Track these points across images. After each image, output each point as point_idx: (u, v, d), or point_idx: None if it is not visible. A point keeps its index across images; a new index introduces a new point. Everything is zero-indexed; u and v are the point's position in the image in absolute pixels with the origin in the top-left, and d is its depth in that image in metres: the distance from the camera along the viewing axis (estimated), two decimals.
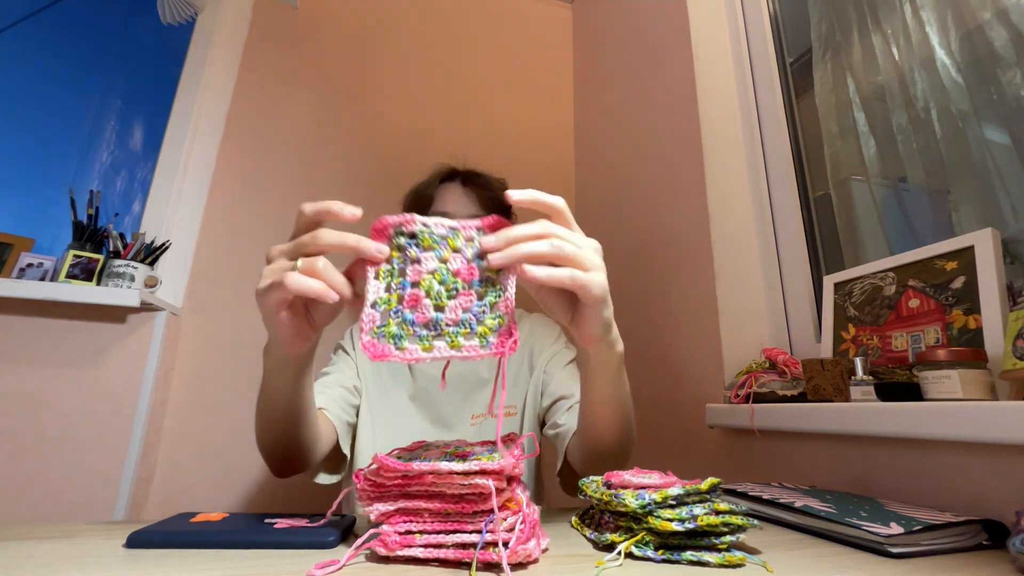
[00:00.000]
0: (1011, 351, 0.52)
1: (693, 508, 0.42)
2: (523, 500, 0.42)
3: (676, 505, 0.43)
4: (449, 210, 0.83)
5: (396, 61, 1.50)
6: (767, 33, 1.08)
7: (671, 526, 0.41)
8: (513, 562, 0.38)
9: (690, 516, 0.41)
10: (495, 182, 0.88)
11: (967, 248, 0.66)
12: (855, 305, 0.79)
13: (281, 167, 1.31)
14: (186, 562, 0.39)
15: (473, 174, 0.88)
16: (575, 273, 0.43)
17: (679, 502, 0.43)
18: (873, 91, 0.91)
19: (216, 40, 1.29)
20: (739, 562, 0.40)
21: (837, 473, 0.70)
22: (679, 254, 1.07)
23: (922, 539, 0.44)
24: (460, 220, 0.45)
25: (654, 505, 0.42)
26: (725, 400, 0.86)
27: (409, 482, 0.40)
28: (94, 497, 0.98)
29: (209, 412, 1.13)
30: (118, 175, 1.35)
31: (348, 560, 0.39)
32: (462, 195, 0.85)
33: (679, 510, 0.42)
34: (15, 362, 0.99)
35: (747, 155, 1.04)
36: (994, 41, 0.74)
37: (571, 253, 0.43)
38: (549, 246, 0.42)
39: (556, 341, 0.89)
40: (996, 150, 0.74)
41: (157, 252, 1.11)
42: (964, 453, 0.56)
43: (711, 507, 0.42)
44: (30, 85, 1.32)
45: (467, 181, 0.86)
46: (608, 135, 1.46)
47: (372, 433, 0.82)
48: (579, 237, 0.46)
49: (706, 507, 0.42)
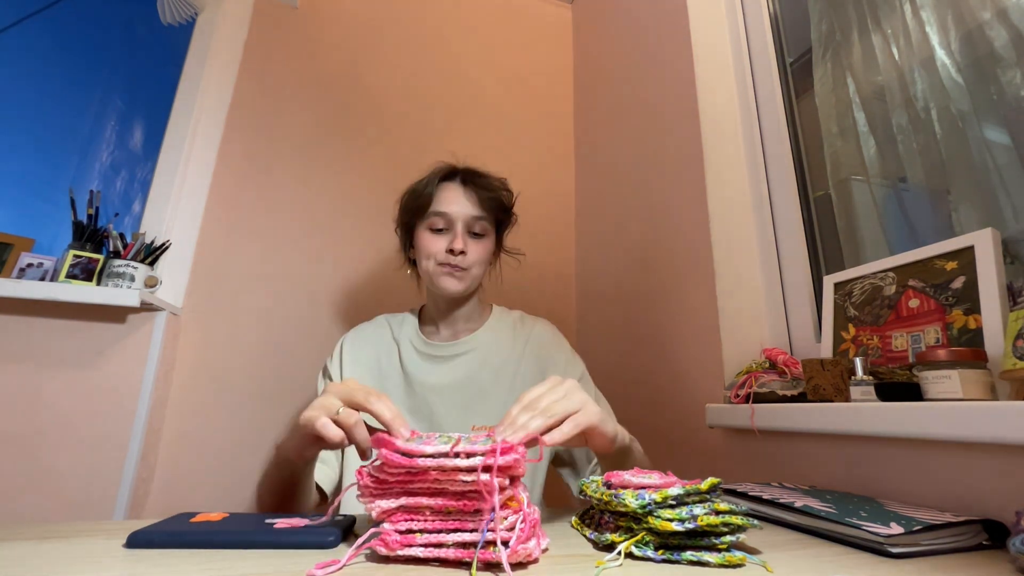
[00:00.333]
0: (1011, 351, 0.52)
1: (693, 508, 0.42)
2: (524, 500, 0.42)
3: (676, 505, 0.43)
4: (449, 210, 0.82)
5: (396, 61, 1.50)
6: (767, 33, 1.08)
7: (671, 526, 0.41)
8: (513, 562, 0.38)
9: (690, 516, 0.41)
10: (495, 182, 0.87)
11: (967, 248, 0.66)
12: (855, 305, 0.79)
13: (281, 167, 1.31)
14: (186, 562, 0.39)
15: (473, 173, 0.86)
16: (575, 419, 0.52)
17: (679, 502, 0.43)
18: (873, 91, 0.91)
19: (216, 40, 1.29)
20: (739, 562, 0.40)
21: (837, 473, 0.70)
22: (679, 254, 1.07)
23: (922, 539, 0.44)
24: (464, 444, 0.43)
25: (654, 505, 0.43)
26: (725, 400, 0.86)
27: (412, 478, 0.41)
28: (94, 497, 0.98)
29: (209, 412, 1.13)
30: (118, 175, 1.35)
31: (348, 560, 0.39)
32: (462, 195, 0.84)
33: (679, 510, 0.42)
34: (15, 362, 0.99)
35: (747, 155, 1.04)
36: (994, 41, 0.74)
37: (561, 410, 0.52)
38: (543, 420, 0.50)
39: (568, 365, 0.87)
40: (996, 150, 0.74)
41: (157, 252, 1.11)
42: (964, 453, 0.56)
43: (711, 507, 0.42)
44: (30, 85, 1.32)
45: (467, 180, 0.85)
46: (608, 135, 1.46)
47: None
48: (555, 390, 0.54)
49: (706, 507, 0.42)
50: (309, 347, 1.22)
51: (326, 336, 1.24)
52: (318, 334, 1.24)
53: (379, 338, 0.89)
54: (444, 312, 0.88)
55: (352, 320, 1.00)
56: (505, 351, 0.87)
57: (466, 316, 0.89)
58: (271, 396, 1.18)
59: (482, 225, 0.84)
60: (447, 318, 0.88)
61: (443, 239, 0.83)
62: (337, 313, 1.27)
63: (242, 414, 1.15)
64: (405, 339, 0.88)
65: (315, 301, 1.27)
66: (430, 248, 0.83)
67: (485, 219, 0.85)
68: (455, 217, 0.83)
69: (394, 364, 0.86)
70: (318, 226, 1.31)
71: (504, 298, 1.05)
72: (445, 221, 0.83)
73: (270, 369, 1.19)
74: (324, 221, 1.31)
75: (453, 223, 0.83)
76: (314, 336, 1.24)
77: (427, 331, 0.90)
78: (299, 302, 1.25)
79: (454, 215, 0.83)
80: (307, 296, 1.26)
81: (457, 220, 0.83)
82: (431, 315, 0.91)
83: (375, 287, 1.33)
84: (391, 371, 0.86)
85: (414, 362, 0.85)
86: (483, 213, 0.84)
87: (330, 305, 1.27)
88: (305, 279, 1.27)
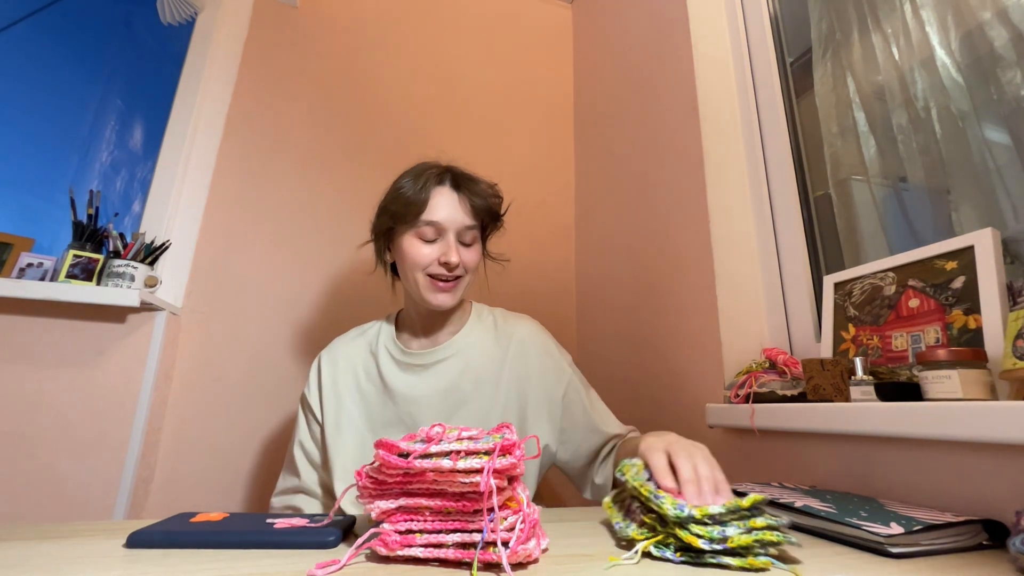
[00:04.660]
0: (1011, 351, 0.52)
1: (726, 529, 0.40)
2: (523, 500, 0.42)
3: (711, 524, 0.41)
4: (441, 219, 0.78)
5: (396, 61, 1.50)
6: (767, 33, 1.08)
7: (697, 542, 0.40)
8: (513, 562, 0.38)
9: (721, 537, 0.40)
10: (486, 188, 0.83)
11: (967, 248, 0.66)
12: (855, 305, 0.79)
13: (281, 167, 1.31)
14: (186, 562, 0.39)
15: (464, 178, 0.82)
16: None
17: (715, 521, 0.41)
18: (873, 91, 0.91)
19: (216, 40, 1.29)
20: (762, 566, 0.39)
21: (837, 473, 0.70)
22: (679, 254, 1.07)
23: (922, 539, 0.44)
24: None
25: (691, 520, 0.41)
26: (725, 400, 0.86)
27: (410, 479, 0.41)
28: (94, 497, 0.98)
29: (209, 412, 1.13)
30: (118, 175, 1.35)
31: (349, 560, 0.39)
32: (455, 202, 0.80)
33: (711, 528, 0.40)
34: (15, 362, 0.99)
35: (747, 155, 1.04)
36: (994, 41, 0.74)
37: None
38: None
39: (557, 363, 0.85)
40: (996, 150, 0.74)
41: (157, 252, 1.11)
42: (964, 453, 0.56)
43: (747, 525, 0.40)
44: (30, 85, 1.32)
45: (458, 186, 0.81)
46: (608, 135, 1.46)
47: (361, 449, 0.80)
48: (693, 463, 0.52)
49: (741, 526, 0.40)
50: (309, 347, 1.22)
51: (326, 336, 1.23)
52: (318, 334, 1.24)
53: (355, 354, 0.86)
54: (425, 319, 0.85)
55: (352, 320, 1.00)
56: (488, 354, 0.84)
57: (447, 321, 0.86)
58: (271, 396, 1.18)
59: (473, 234, 0.81)
60: (427, 324, 0.85)
61: (434, 248, 0.78)
62: (337, 312, 1.27)
63: (242, 414, 1.15)
64: (382, 350, 0.85)
65: (315, 300, 1.27)
66: (419, 259, 0.78)
67: (475, 227, 0.81)
68: (447, 226, 0.78)
69: (373, 378, 0.84)
70: (318, 225, 1.31)
71: (504, 299, 1.04)
72: (436, 230, 0.78)
73: (270, 369, 1.19)
74: (324, 220, 1.31)
75: (444, 232, 0.79)
76: (314, 336, 1.24)
77: (404, 339, 0.86)
78: (299, 302, 1.25)
79: (446, 224, 0.78)
80: (307, 295, 1.26)
81: (449, 229, 0.78)
82: (409, 322, 0.87)
83: (375, 287, 1.32)
84: (370, 387, 0.83)
85: (394, 374, 0.82)
86: (474, 222, 0.81)
87: (330, 305, 1.27)
88: (305, 278, 1.27)
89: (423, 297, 0.79)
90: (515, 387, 0.83)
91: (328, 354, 0.88)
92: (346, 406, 0.82)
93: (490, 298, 0.98)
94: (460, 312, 0.88)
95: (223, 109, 1.27)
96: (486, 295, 1.02)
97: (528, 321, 0.90)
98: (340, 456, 0.79)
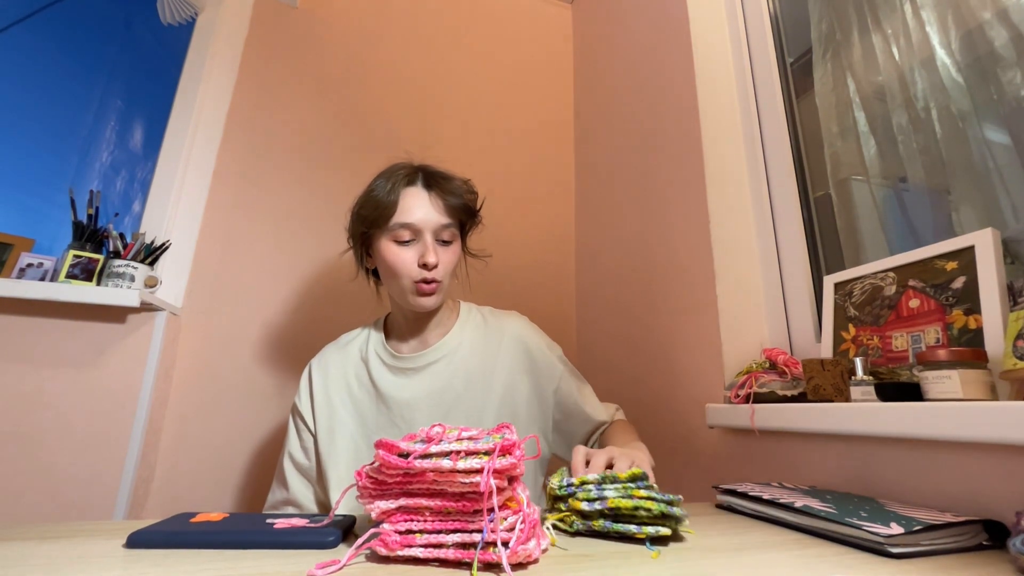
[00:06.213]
0: (1011, 351, 0.52)
1: (604, 491, 0.49)
2: (523, 500, 0.42)
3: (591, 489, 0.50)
4: (414, 221, 0.77)
5: (396, 61, 1.50)
6: (767, 33, 1.08)
7: (580, 504, 0.49)
8: (513, 562, 0.38)
9: (599, 496, 0.49)
10: (460, 185, 0.82)
11: (967, 248, 0.66)
12: (855, 305, 0.79)
13: (281, 167, 1.31)
14: (186, 562, 0.39)
15: (437, 177, 0.81)
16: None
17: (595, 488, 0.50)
18: (873, 91, 0.91)
19: (216, 40, 1.29)
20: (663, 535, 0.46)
21: (837, 473, 0.70)
22: (679, 254, 1.07)
23: (922, 539, 0.44)
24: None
25: (573, 488, 0.51)
26: (725, 400, 0.86)
27: (410, 479, 0.41)
28: (94, 497, 0.98)
29: (209, 412, 1.13)
30: (118, 175, 1.35)
31: (349, 560, 0.39)
32: (427, 201, 0.78)
33: (591, 491, 0.50)
34: (15, 362, 0.99)
35: (747, 155, 1.04)
36: (994, 41, 0.74)
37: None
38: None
39: (548, 357, 0.86)
40: (996, 150, 0.74)
41: (157, 252, 1.10)
42: (964, 453, 0.56)
43: (627, 492, 0.48)
44: (30, 85, 1.32)
45: (430, 184, 0.80)
46: (608, 135, 1.46)
47: (355, 457, 0.80)
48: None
49: (621, 490, 0.48)
50: (309, 347, 1.22)
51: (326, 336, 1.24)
52: (318, 334, 1.24)
53: (346, 361, 0.86)
54: (413, 322, 0.85)
55: (352, 320, 1.00)
56: (478, 354, 0.84)
57: (435, 322, 0.85)
58: (271, 396, 1.18)
59: (450, 232, 0.80)
60: (415, 327, 0.85)
61: (411, 251, 0.78)
62: (337, 312, 1.27)
63: (242, 414, 1.15)
64: (373, 355, 0.85)
65: (315, 300, 1.27)
66: (400, 265, 0.77)
67: (453, 225, 0.80)
68: (423, 227, 0.77)
69: (365, 384, 0.83)
70: (318, 225, 1.31)
71: (504, 299, 1.04)
72: (412, 232, 0.77)
73: (270, 369, 1.19)
74: (324, 220, 1.31)
75: (421, 233, 0.77)
76: (314, 336, 1.24)
77: (394, 343, 0.86)
78: (299, 301, 1.25)
79: (420, 225, 0.77)
80: (307, 295, 1.26)
81: (425, 230, 0.77)
82: (397, 325, 0.86)
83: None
84: (362, 393, 0.83)
85: (385, 379, 0.82)
86: (450, 220, 0.79)
87: (330, 304, 1.27)
88: (305, 278, 1.27)
89: (407, 301, 0.79)
90: (507, 384, 0.83)
91: (318, 362, 0.87)
92: (339, 414, 0.82)
93: (490, 298, 0.98)
94: (448, 312, 0.88)
95: (223, 109, 1.27)
96: (487, 295, 1.02)
97: (517, 317, 0.90)
98: (334, 464, 0.79)
